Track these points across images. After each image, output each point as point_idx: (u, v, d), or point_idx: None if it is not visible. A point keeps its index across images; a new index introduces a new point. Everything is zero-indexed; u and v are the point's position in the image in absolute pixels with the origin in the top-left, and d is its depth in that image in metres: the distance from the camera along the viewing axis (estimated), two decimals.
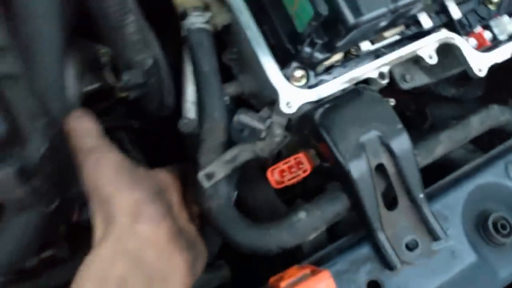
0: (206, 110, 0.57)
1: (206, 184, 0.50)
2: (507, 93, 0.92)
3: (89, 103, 0.68)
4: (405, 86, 0.80)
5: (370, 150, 0.54)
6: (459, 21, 0.73)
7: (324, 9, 0.51)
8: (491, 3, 0.76)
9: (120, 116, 0.76)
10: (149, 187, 0.48)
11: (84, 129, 0.51)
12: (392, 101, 0.62)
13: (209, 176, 0.50)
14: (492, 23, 0.75)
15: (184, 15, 0.62)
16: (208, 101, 0.58)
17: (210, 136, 0.55)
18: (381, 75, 0.64)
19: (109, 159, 0.48)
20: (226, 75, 0.74)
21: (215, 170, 0.51)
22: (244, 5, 0.61)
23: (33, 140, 0.37)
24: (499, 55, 0.70)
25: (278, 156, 0.68)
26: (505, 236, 0.59)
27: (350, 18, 0.53)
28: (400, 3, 0.55)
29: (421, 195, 0.55)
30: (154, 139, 0.82)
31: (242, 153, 0.52)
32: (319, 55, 0.60)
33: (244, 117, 0.53)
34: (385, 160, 0.55)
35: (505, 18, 0.74)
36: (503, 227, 0.59)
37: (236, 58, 0.72)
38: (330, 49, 0.60)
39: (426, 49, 0.67)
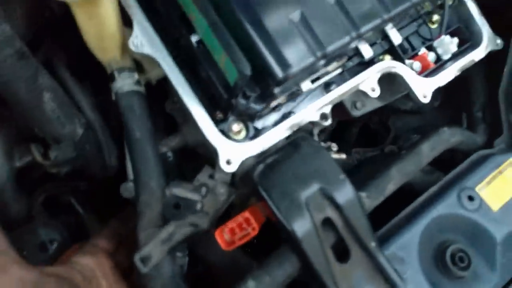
0: (141, 180, 0.55)
1: (143, 269, 0.47)
2: (462, 103, 0.92)
3: (28, 170, 0.65)
4: (356, 113, 0.78)
5: (313, 206, 0.52)
6: (401, 45, 0.71)
7: (247, 69, 0.49)
8: (432, 22, 0.75)
9: (65, 179, 0.73)
10: None
11: None
12: (334, 147, 0.61)
13: (145, 260, 0.48)
14: (436, 43, 0.73)
15: (112, 77, 0.60)
16: (143, 169, 0.55)
17: (148, 209, 0.53)
18: (323, 116, 0.62)
19: (10, 275, 0.43)
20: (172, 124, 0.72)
21: (151, 252, 0.48)
22: (173, 63, 0.58)
23: None
24: (442, 78, 0.69)
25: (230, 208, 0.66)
26: (463, 269, 0.58)
27: (278, 72, 0.51)
28: (329, 50, 0.53)
29: (373, 244, 0.53)
30: (106, 197, 0.79)
31: (179, 229, 0.50)
32: (255, 106, 0.58)
33: (177, 190, 0.50)
34: (331, 213, 0.53)
35: (447, 37, 0.73)
36: (461, 259, 0.58)
37: (178, 108, 0.70)
38: (265, 99, 0.58)
39: (368, 82, 0.65)
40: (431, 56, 0.72)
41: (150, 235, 0.50)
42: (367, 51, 0.69)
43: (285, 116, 0.70)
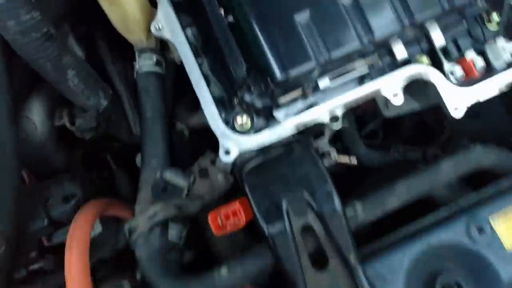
0: (145, 157, 0.59)
1: (129, 238, 0.53)
2: None
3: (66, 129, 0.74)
4: (388, 113, 0.74)
5: (294, 212, 0.52)
6: (443, 47, 0.64)
7: (241, 70, 0.49)
8: (490, 22, 0.65)
9: (102, 140, 0.81)
10: None
11: None
12: (334, 154, 0.59)
13: (132, 230, 0.53)
14: (487, 47, 0.64)
15: (135, 56, 0.64)
16: (148, 148, 0.59)
17: (145, 185, 0.57)
18: (334, 119, 0.60)
19: None
20: None
21: (137, 224, 0.53)
22: (189, 49, 0.59)
23: None
24: (482, 92, 0.61)
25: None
26: None
27: (277, 73, 0.50)
28: (334, 56, 0.50)
29: (352, 257, 0.53)
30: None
31: (164, 210, 0.54)
32: (258, 103, 0.58)
33: (168, 175, 0.54)
34: (313, 221, 0.52)
35: (501, 41, 0.63)
36: None
37: None
38: (269, 96, 0.57)
39: (391, 87, 0.60)
40: (479, 62, 0.64)
41: (142, 209, 0.56)
42: (400, 52, 0.63)
43: (310, 107, 0.68)
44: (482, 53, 0.65)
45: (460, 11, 0.59)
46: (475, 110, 0.91)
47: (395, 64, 0.65)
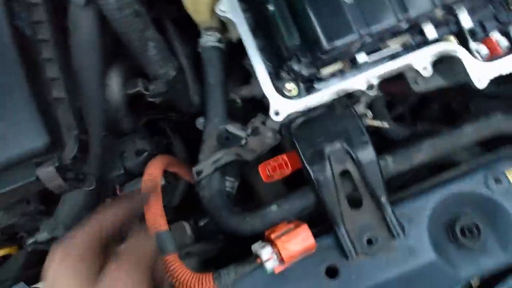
0: (208, 116, 0.71)
1: (195, 178, 0.65)
2: None
3: (138, 99, 0.87)
4: (417, 88, 0.83)
5: (335, 159, 0.62)
6: (471, 29, 0.72)
7: (295, 39, 0.60)
8: None
9: (162, 110, 0.94)
10: None
11: None
12: (369, 115, 0.68)
13: (198, 173, 0.65)
14: (511, 28, 0.72)
15: (200, 34, 0.76)
16: (211, 108, 0.71)
17: (209, 138, 0.69)
18: (370, 87, 0.70)
19: None
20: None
21: (203, 168, 0.65)
22: (247, 28, 0.71)
23: (68, 146, 0.56)
24: (505, 66, 0.69)
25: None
26: (472, 240, 0.63)
27: (324, 43, 0.61)
28: (373, 30, 0.61)
29: (383, 198, 0.62)
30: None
31: (225, 156, 0.65)
32: (305, 71, 0.69)
33: (230, 127, 0.65)
34: (350, 167, 0.63)
35: None
36: (471, 231, 0.63)
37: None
38: (315, 66, 0.68)
39: (421, 61, 0.70)
40: (503, 42, 0.72)
41: (206, 157, 0.67)
42: (430, 32, 0.72)
43: None
44: (506, 34, 0.73)
45: None
46: (498, 92, 0.99)
47: (425, 43, 0.74)
